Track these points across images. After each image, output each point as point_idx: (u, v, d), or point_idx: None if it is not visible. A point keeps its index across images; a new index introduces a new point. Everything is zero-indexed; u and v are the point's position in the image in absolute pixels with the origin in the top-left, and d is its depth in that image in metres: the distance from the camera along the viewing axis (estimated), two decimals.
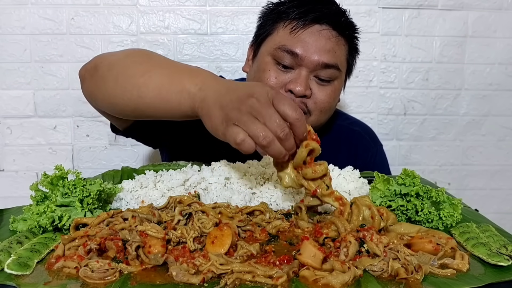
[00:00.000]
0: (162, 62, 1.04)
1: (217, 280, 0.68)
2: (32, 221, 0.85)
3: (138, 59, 1.05)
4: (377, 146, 1.53)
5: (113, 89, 1.03)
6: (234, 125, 0.80)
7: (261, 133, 0.78)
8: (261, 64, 1.27)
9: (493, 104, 2.10)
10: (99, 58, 1.11)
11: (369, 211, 0.86)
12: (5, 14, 1.87)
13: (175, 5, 1.93)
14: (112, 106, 1.07)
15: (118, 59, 1.07)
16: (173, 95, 0.93)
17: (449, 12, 2.00)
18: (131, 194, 1.00)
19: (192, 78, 0.93)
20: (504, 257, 0.74)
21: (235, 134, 0.79)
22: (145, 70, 1.00)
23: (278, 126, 0.78)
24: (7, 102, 1.93)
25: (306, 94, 1.21)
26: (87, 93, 1.14)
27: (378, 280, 0.69)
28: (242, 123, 0.79)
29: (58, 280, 0.68)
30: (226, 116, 0.82)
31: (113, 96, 1.03)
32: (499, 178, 2.18)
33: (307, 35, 1.21)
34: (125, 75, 1.01)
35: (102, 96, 1.08)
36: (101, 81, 1.06)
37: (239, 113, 0.80)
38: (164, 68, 1.00)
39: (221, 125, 0.83)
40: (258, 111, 0.79)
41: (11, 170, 1.99)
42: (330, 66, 1.22)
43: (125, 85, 1.00)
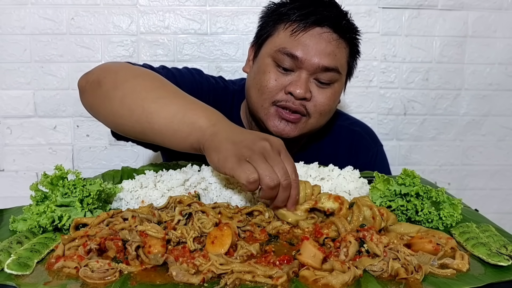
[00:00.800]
0: (176, 92, 1.01)
1: (217, 280, 0.68)
2: (32, 221, 0.85)
3: (150, 84, 1.01)
4: (378, 146, 1.53)
5: (118, 110, 0.99)
6: (247, 162, 0.82)
7: (270, 174, 0.81)
8: (262, 66, 1.26)
9: (493, 104, 2.10)
10: (101, 71, 1.07)
11: (370, 211, 0.86)
12: (5, 14, 1.87)
13: (175, 5, 1.93)
14: (115, 125, 1.05)
15: (125, 77, 1.02)
16: (184, 126, 0.92)
17: (449, 12, 2.00)
18: (131, 194, 1.00)
19: (207, 114, 0.93)
20: (504, 257, 0.74)
21: (249, 172, 0.81)
22: (158, 97, 0.97)
23: (284, 174, 0.82)
24: (7, 102, 1.93)
25: (306, 96, 1.21)
26: (87, 105, 1.10)
27: (378, 280, 0.69)
28: (254, 161, 0.81)
29: (58, 280, 0.68)
30: (238, 152, 0.83)
31: (119, 116, 1.00)
32: (499, 178, 2.18)
33: (307, 38, 1.21)
34: (135, 97, 0.97)
35: (105, 113, 1.04)
36: (105, 98, 1.02)
37: (252, 152, 0.83)
38: (179, 99, 0.98)
39: (231, 159, 0.83)
40: (269, 154, 0.83)
41: (11, 170, 1.99)
42: (330, 69, 1.22)
43: (133, 108, 0.97)
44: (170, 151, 1.43)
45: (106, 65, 1.11)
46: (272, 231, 0.86)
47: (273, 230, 0.86)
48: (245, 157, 0.82)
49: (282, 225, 0.87)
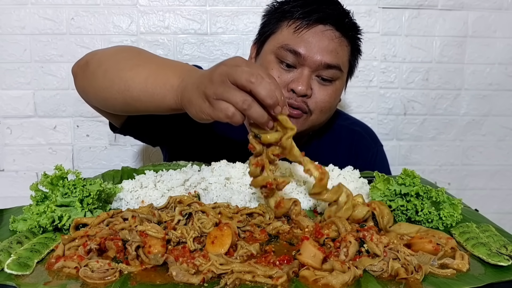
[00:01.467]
0: (150, 57, 1.08)
1: (217, 280, 0.68)
2: (32, 221, 0.85)
3: (127, 55, 1.08)
4: (378, 147, 1.54)
5: (102, 83, 1.05)
6: (216, 100, 0.79)
7: (239, 98, 0.77)
8: (264, 63, 1.27)
9: (493, 104, 2.10)
10: (90, 54, 1.13)
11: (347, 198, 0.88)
12: (5, 14, 1.87)
13: (175, 5, 1.93)
14: (103, 100, 1.09)
15: (108, 54, 1.10)
16: (158, 89, 0.95)
17: (449, 12, 2.00)
18: (131, 194, 1.00)
19: (175, 72, 0.95)
20: (504, 257, 0.74)
21: (225, 110, 0.78)
22: (133, 65, 1.02)
23: (246, 79, 0.77)
24: (7, 102, 1.93)
25: (307, 93, 1.22)
26: (79, 88, 1.16)
27: (378, 280, 0.69)
28: (219, 95, 0.78)
29: (58, 280, 0.68)
30: (203, 95, 0.81)
31: (103, 89, 1.05)
32: (499, 178, 2.18)
33: (310, 35, 1.22)
34: (114, 69, 1.04)
35: (93, 91, 1.09)
36: (92, 76, 1.08)
37: (213, 85, 0.80)
38: (151, 63, 1.02)
39: (204, 106, 0.81)
40: (228, 74, 0.78)
41: (11, 170, 1.99)
42: (332, 67, 1.23)
43: (113, 79, 1.02)
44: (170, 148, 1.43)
45: (93, 51, 1.16)
46: (272, 232, 0.86)
47: (273, 231, 0.86)
48: (212, 97, 0.79)
49: (283, 225, 0.87)
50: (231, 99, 0.77)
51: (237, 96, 0.77)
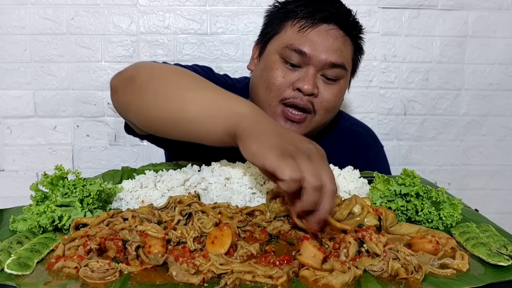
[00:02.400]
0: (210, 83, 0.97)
1: (217, 280, 0.68)
2: (32, 221, 0.85)
3: (185, 75, 1.00)
4: (379, 147, 1.54)
5: (153, 101, 0.95)
6: (291, 157, 0.73)
7: (315, 174, 0.72)
8: (269, 63, 1.26)
9: (493, 104, 2.10)
10: (135, 68, 1.05)
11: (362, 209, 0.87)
12: (5, 14, 1.87)
13: (175, 5, 1.93)
14: (147, 119, 0.99)
15: (161, 72, 1.01)
16: (223, 111, 0.87)
17: (449, 12, 2.00)
18: (131, 194, 1.00)
19: (247, 102, 0.89)
20: (504, 257, 0.74)
21: (294, 168, 0.71)
22: (198, 86, 0.95)
23: (330, 179, 0.74)
24: (7, 102, 1.93)
25: (314, 92, 1.21)
26: (118, 104, 1.07)
27: (378, 280, 0.69)
28: (299, 158, 0.73)
29: (58, 280, 0.68)
30: (283, 146, 0.75)
31: (152, 107, 0.95)
32: (499, 178, 2.18)
33: (315, 35, 1.22)
34: (170, 87, 0.95)
35: (137, 108, 1.00)
36: (139, 92, 0.98)
37: (297, 149, 0.75)
38: (217, 88, 0.94)
39: (274, 152, 0.74)
40: (314, 157, 0.76)
41: (11, 170, 1.99)
42: (338, 66, 1.23)
43: (168, 96, 0.93)
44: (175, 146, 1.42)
45: (139, 63, 1.09)
46: (273, 232, 0.86)
47: (274, 230, 0.86)
48: (289, 153, 0.74)
49: (283, 225, 0.87)
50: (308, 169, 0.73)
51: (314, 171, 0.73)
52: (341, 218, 0.86)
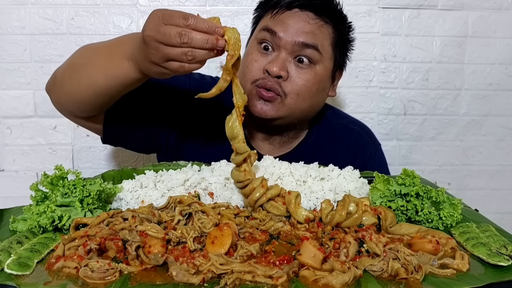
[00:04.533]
0: (97, 47, 1.16)
1: (217, 280, 0.68)
2: (32, 221, 0.85)
3: (79, 54, 1.18)
4: (376, 146, 1.53)
5: (71, 87, 1.14)
6: (166, 62, 0.92)
7: (180, 55, 0.89)
8: (248, 49, 1.32)
9: (493, 104, 2.10)
10: (55, 70, 1.22)
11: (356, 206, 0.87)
12: (5, 14, 1.87)
13: (175, 5, 1.93)
14: (77, 102, 1.17)
15: (67, 62, 1.19)
16: (118, 70, 1.05)
17: (449, 12, 2.00)
18: (131, 194, 1.00)
19: (122, 48, 1.05)
20: (504, 257, 0.74)
21: (177, 69, 0.92)
22: (87, 60, 1.13)
23: (179, 36, 0.88)
24: (7, 102, 1.93)
25: (281, 74, 1.21)
26: (56, 103, 1.23)
27: (378, 280, 0.69)
28: (164, 59, 0.91)
29: (58, 280, 0.68)
30: (154, 64, 0.94)
31: (74, 92, 1.14)
32: (499, 178, 2.18)
33: (287, 17, 1.25)
34: (75, 70, 1.14)
35: (67, 98, 1.18)
36: (61, 84, 1.17)
37: (153, 53, 0.91)
38: (100, 51, 1.12)
39: (161, 71, 0.95)
40: (156, 38, 0.90)
41: (11, 170, 1.99)
42: (309, 46, 1.23)
43: (78, 79, 1.12)
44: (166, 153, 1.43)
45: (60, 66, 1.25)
46: (273, 232, 0.86)
47: (274, 231, 0.86)
48: (160, 63, 0.92)
49: (284, 225, 0.87)
50: (175, 58, 0.90)
51: (177, 54, 0.89)
52: (341, 219, 0.86)
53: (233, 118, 0.97)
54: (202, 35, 0.89)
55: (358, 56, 1.98)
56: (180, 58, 0.90)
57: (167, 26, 0.89)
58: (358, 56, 1.98)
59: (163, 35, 0.89)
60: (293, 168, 1.07)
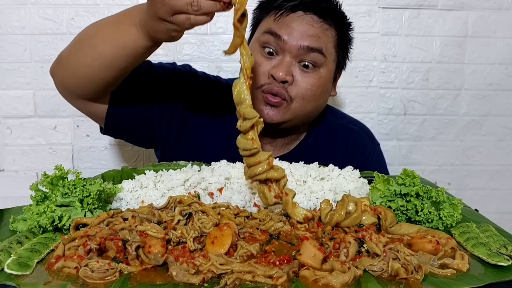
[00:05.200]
0: (104, 20, 1.15)
1: (217, 280, 0.68)
2: (32, 221, 0.85)
3: (86, 29, 1.17)
4: (375, 145, 1.53)
5: (77, 63, 1.13)
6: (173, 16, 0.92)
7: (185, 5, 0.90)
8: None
9: (493, 104, 2.10)
10: (60, 52, 1.21)
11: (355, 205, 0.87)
12: (5, 14, 1.87)
13: None
14: (84, 79, 1.15)
15: (72, 42, 1.18)
16: (126, 37, 1.05)
17: (449, 12, 2.00)
18: (131, 194, 1.00)
19: (130, 16, 1.05)
20: (504, 257, 0.74)
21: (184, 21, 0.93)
22: (94, 33, 1.12)
23: None
24: (7, 102, 1.93)
25: (287, 79, 1.21)
26: (60, 83, 1.21)
27: (378, 280, 0.69)
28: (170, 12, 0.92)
29: (58, 280, 0.68)
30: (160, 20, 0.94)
31: (81, 67, 1.12)
32: (499, 178, 2.18)
33: (291, 20, 1.24)
34: (81, 45, 1.13)
35: (72, 75, 1.16)
36: (67, 63, 1.16)
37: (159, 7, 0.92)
38: (107, 23, 1.12)
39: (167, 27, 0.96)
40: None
41: (11, 170, 1.99)
42: (314, 50, 1.22)
43: (85, 52, 1.11)
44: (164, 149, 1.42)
45: None
46: (273, 232, 0.86)
47: (274, 231, 0.86)
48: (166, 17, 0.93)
49: (284, 225, 0.87)
50: (181, 9, 0.91)
51: (182, 4, 0.90)
52: (340, 219, 0.86)
53: (241, 81, 0.95)
54: None
55: (358, 56, 1.98)
56: (186, 9, 0.91)
57: None
58: (358, 56, 1.98)
59: None
60: (293, 168, 1.07)
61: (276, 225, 0.87)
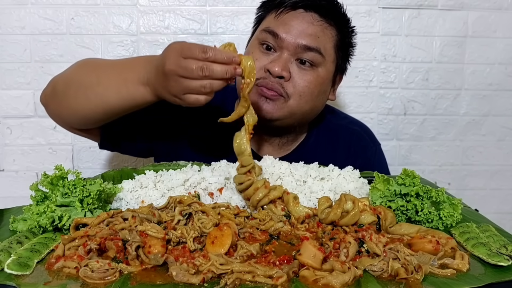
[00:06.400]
0: (105, 66, 1.18)
1: (217, 280, 0.68)
2: (32, 221, 0.85)
3: (87, 70, 1.18)
4: (376, 146, 1.53)
5: (77, 103, 1.15)
6: (184, 95, 0.98)
7: (198, 88, 0.95)
8: (249, 48, 1.30)
9: (493, 104, 2.10)
10: (53, 80, 1.22)
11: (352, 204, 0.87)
12: (5, 14, 1.87)
13: (175, 5, 1.93)
14: (82, 117, 1.19)
15: (70, 75, 1.19)
16: (134, 93, 1.09)
17: (449, 12, 2.00)
18: (131, 194, 1.00)
19: (135, 73, 1.08)
20: (504, 257, 0.74)
21: (195, 101, 0.98)
22: (98, 80, 1.13)
23: (202, 70, 0.94)
24: (7, 102, 1.93)
25: (283, 75, 1.19)
26: (54, 114, 1.24)
27: (378, 280, 0.69)
28: (183, 91, 0.97)
29: (58, 280, 0.68)
30: (172, 95, 1.00)
31: (81, 108, 1.15)
32: (499, 178, 2.18)
33: (290, 18, 1.23)
34: (83, 87, 1.14)
35: (69, 112, 1.19)
36: (64, 99, 1.17)
37: (173, 85, 0.98)
38: (112, 71, 1.14)
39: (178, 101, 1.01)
40: (177, 72, 0.96)
41: (11, 170, 1.99)
42: (312, 49, 1.21)
43: (87, 96, 1.13)
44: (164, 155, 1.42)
45: (55, 76, 1.24)
46: (273, 232, 0.86)
47: (274, 231, 0.86)
48: (178, 95, 0.99)
49: (284, 226, 0.87)
50: (193, 90, 0.96)
51: (196, 86, 0.95)
52: (335, 218, 0.86)
53: (242, 134, 1.00)
54: (221, 66, 0.94)
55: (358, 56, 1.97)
56: (198, 91, 0.96)
57: (187, 60, 0.94)
58: (358, 56, 1.98)
59: (185, 69, 0.94)
60: (293, 168, 1.07)
61: (276, 225, 0.87)
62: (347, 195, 0.91)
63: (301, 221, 0.90)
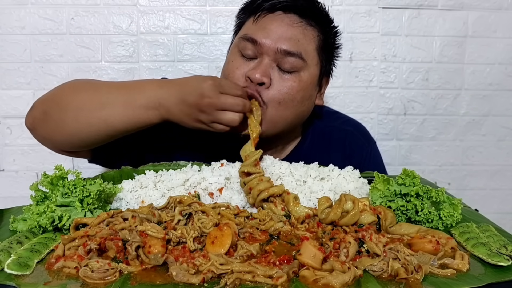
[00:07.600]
0: (109, 88, 1.15)
1: (217, 280, 0.68)
2: (32, 221, 0.85)
3: (87, 93, 1.13)
4: (371, 145, 1.49)
5: (75, 128, 1.11)
6: (212, 123, 1.05)
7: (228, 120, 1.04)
8: (229, 56, 1.24)
9: (493, 104, 2.10)
10: (41, 103, 1.16)
11: (352, 203, 0.87)
12: (5, 14, 1.87)
13: (175, 5, 1.93)
14: (79, 141, 1.14)
15: (64, 98, 1.14)
16: (140, 118, 1.09)
17: (449, 12, 2.00)
18: (131, 194, 1.00)
19: (143, 97, 1.08)
20: (504, 257, 0.74)
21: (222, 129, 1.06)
22: (102, 102, 1.10)
23: (237, 106, 1.04)
24: (7, 102, 1.93)
25: (264, 81, 1.14)
26: (43, 139, 1.19)
27: (378, 280, 0.69)
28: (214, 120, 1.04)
29: (58, 280, 0.68)
30: (198, 121, 1.06)
31: (79, 132, 1.11)
32: (499, 178, 2.18)
33: (268, 22, 1.18)
34: (84, 111, 1.10)
35: (63, 137, 1.14)
36: (59, 124, 1.12)
37: (205, 115, 1.04)
38: (116, 94, 1.11)
39: (201, 126, 1.07)
40: (216, 106, 1.03)
41: (11, 170, 1.99)
42: (292, 54, 1.15)
43: (89, 121, 1.09)
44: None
45: (41, 98, 1.18)
46: (273, 232, 0.86)
47: (274, 231, 0.86)
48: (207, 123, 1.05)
49: (284, 226, 0.87)
50: (223, 121, 1.05)
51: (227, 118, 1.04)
52: (335, 218, 0.86)
53: (248, 144, 1.10)
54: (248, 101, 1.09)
55: (358, 56, 1.99)
56: (226, 121, 1.05)
57: (225, 95, 1.04)
58: (358, 56, 1.99)
59: (224, 104, 1.03)
60: (293, 168, 1.07)
61: (276, 225, 0.87)
62: (347, 195, 0.91)
63: (301, 221, 0.90)
